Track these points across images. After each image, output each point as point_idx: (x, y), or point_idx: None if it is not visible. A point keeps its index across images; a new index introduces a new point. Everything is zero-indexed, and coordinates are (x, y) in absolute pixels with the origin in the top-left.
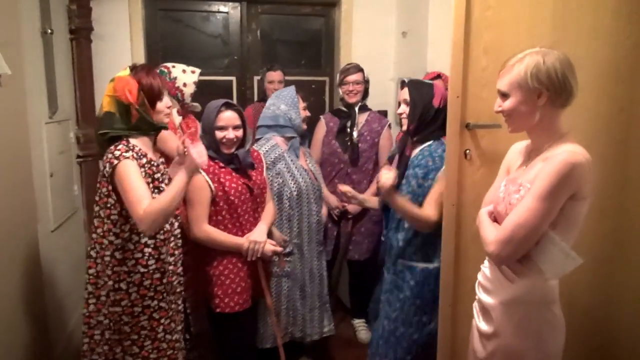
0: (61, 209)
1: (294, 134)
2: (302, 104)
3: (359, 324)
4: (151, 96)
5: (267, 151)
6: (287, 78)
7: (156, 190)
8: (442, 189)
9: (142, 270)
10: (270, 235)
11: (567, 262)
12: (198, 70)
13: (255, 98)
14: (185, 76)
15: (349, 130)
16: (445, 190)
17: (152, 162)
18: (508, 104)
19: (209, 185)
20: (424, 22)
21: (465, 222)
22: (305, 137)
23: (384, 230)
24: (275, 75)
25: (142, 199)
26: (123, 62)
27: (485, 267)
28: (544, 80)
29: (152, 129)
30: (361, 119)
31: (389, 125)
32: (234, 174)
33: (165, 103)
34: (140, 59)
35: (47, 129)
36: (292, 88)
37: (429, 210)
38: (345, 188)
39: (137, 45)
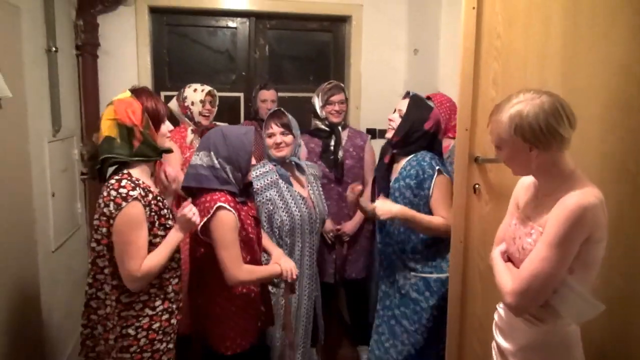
0: (63, 229)
1: (273, 162)
2: (266, 131)
3: (365, 351)
4: (156, 118)
5: (257, 175)
6: (295, 95)
7: (161, 228)
8: (446, 191)
9: (150, 313)
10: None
11: (587, 308)
12: (207, 89)
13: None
14: (194, 95)
15: (332, 148)
16: (452, 225)
17: (158, 199)
18: (504, 155)
19: (236, 222)
20: (435, 39)
21: (472, 257)
22: (300, 167)
23: (377, 245)
24: (268, 94)
25: (139, 256)
26: (129, 77)
27: (501, 308)
28: (528, 136)
29: (156, 154)
30: (342, 136)
31: (370, 139)
32: (244, 208)
33: (167, 126)
34: (147, 74)
35: (50, 148)
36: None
37: (441, 214)
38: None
39: (144, 61)
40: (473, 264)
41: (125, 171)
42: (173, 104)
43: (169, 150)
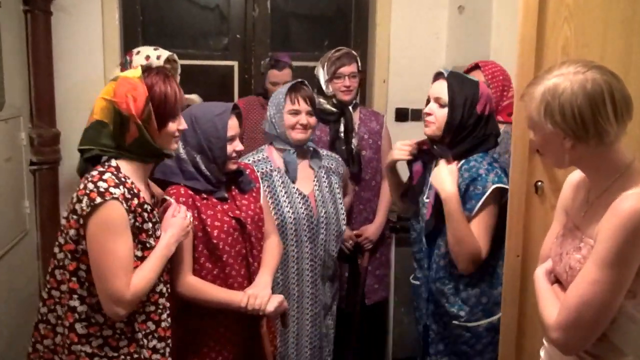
0: (5, 234)
1: (286, 146)
2: (290, 106)
3: None
4: (163, 112)
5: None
6: (305, 64)
7: (140, 247)
8: (492, 221)
9: (110, 354)
10: None
11: None
12: (164, 54)
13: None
14: (148, 64)
15: (342, 135)
16: (506, 236)
17: (145, 207)
18: (535, 139)
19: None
20: None
21: (533, 277)
22: (316, 154)
23: (417, 272)
24: (279, 75)
25: (125, 269)
26: (92, 41)
27: (547, 344)
28: (559, 121)
29: (150, 156)
30: (354, 119)
31: (385, 120)
32: (219, 206)
33: (178, 124)
34: (114, 38)
35: None
36: (286, 85)
37: (481, 244)
38: None
39: (110, 20)
40: (534, 286)
41: (113, 163)
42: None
43: (170, 155)
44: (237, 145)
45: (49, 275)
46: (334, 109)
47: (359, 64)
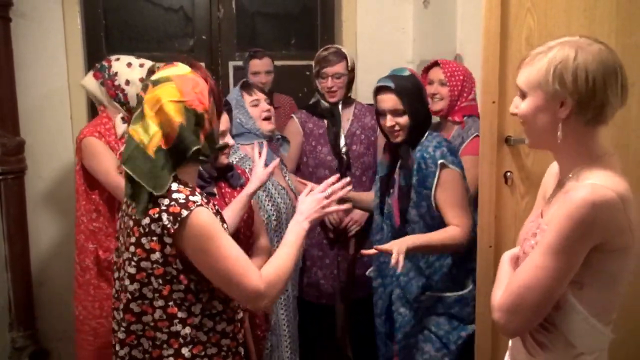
0: None
1: (254, 139)
2: (249, 99)
3: None
4: (219, 104)
5: (235, 164)
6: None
7: None
8: (456, 189)
9: None
10: None
11: (591, 335)
12: (147, 63)
13: (232, 89)
14: (130, 71)
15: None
16: (478, 227)
17: (217, 209)
18: (524, 106)
19: None
20: None
21: None
22: (285, 140)
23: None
24: (260, 64)
25: (250, 266)
26: (54, 47)
27: None
28: (568, 83)
29: (214, 151)
30: (347, 115)
31: None
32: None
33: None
34: (77, 43)
35: None
36: (236, 87)
37: (454, 222)
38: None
39: (72, 25)
40: None
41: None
42: (90, 83)
43: (225, 147)
44: (229, 140)
45: (123, 312)
46: (327, 104)
47: (349, 62)
